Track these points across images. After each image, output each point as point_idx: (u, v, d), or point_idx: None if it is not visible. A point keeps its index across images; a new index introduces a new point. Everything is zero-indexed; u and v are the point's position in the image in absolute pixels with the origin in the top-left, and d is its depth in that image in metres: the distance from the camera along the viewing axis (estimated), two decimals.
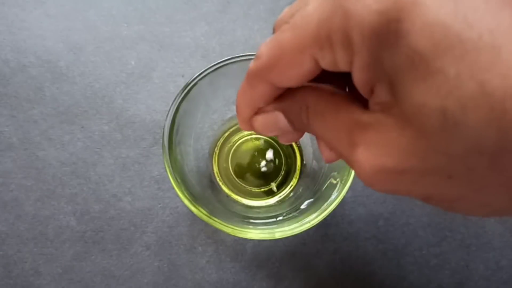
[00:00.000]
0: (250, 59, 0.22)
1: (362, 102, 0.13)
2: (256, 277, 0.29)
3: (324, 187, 0.24)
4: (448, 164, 0.10)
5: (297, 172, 0.30)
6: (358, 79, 0.11)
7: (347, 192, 0.22)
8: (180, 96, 0.22)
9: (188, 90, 0.22)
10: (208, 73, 0.22)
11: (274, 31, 0.15)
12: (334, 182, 0.23)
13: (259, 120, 0.16)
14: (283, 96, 0.15)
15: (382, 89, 0.11)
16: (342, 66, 0.12)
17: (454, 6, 0.09)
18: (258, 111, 0.16)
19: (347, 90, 0.15)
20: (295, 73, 0.13)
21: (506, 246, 0.30)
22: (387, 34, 0.10)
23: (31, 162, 0.31)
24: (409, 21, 0.10)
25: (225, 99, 0.26)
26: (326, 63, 0.12)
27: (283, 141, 0.18)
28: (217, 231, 0.30)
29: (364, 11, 0.10)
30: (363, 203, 0.30)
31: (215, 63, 0.22)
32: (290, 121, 0.15)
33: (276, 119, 0.15)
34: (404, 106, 0.10)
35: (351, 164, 0.12)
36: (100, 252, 0.29)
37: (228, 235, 0.29)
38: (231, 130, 0.31)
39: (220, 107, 0.27)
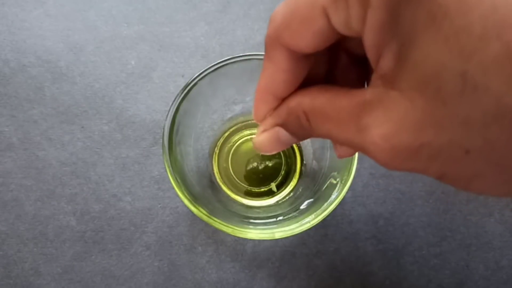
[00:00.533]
0: (250, 59, 0.22)
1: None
2: (256, 277, 0.29)
3: (324, 187, 0.24)
4: (466, 136, 0.09)
5: (297, 172, 0.30)
6: (369, 40, 0.11)
7: (347, 192, 0.22)
8: (180, 96, 0.22)
9: (188, 90, 0.22)
10: (208, 73, 0.22)
11: None
12: (334, 182, 0.23)
13: (261, 140, 0.15)
14: (278, 111, 0.14)
15: (390, 55, 0.10)
16: (355, 25, 0.11)
17: None
18: (257, 133, 0.15)
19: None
20: (310, 30, 0.12)
21: (506, 246, 0.30)
22: None
23: (31, 162, 0.31)
24: None
25: (225, 99, 0.26)
26: (338, 20, 0.11)
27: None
28: (217, 231, 0.30)
29: None
30: (363, 203, 0.30)
31: (215, 63, 0.22)
32: (292, 133, 0.15)
33: (278, 135, 0.15)
34: (416, 71, 0.09)
35: (364, 151, 0.11)
36: (100, 252, 0.29)
37: (228, 235, 0.29)
38: (231, 130, 0.31)
39: (220, 107, 0.27)
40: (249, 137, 0.31)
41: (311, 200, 0.24)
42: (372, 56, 0.11)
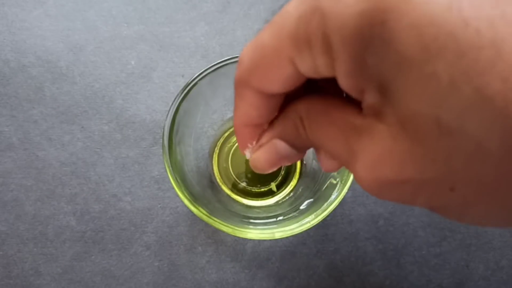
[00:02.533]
0: None
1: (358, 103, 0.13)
2: (256, 277, 0.29)
3: (324, 187, 0.24)
4: (449, 174, 0.09)
5: (297, 172, 0.30)
6: (344, 84, 0.10)
7: (347, 192, 0.22)
8: (180, 96, 0.22)
9: (188, 90, 0.22)
10: (208, 73, 0.22)
11: None
12: (334, 182, 0.23)
13: (259, 156, 0.14)
14: (274, 122, 0.14)
15: (372, 93, 0.10)
16: (324, 72, 0.11)
17: None
18: (253, 149, 0.14)
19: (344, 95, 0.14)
20: (277, 77, 0.12)
21: (506, 246, 0.30)
22: (371, 38, 0.09)
23: (31, 162, 0.31)
24: (395, 22, 0.08)
25: (225, 99, 0.26)
26: (306, 68, 0.11)
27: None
28: (217, 231, 0.30)
29: (344, 13, 0.09)
30: (363, 203, 0.30)
31: (215, 63, 0.22)
32: (290, 143, 0.14)
33: (276, 148, 0.14)
34: (396, 112, 0.09)
35: (352, 172, 0.11)
36: (100, 252, 0.29)
37: (228, 235, 0.29)
38: (231, 130, 0.31)
39: (220, 107, 0.27)
40: None
41: (311, 200, 0.24)
42: (351, 93, 0.11)
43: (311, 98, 0.13)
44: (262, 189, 0.30)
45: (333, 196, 0.22)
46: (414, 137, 0.09)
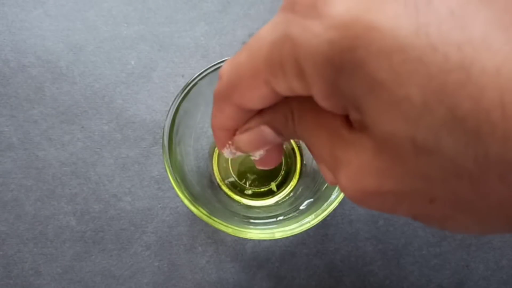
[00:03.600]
0: None
1: None
2: (256, 277, 0.29)
3: (324, 187, 0.24)
4: (428, 188, 0.09)
5: (297, 172, 0.30)
6: (323, 105, 0.11)
7: None
8: (180, 96, 0.22)
9: (188, 90, 0.22)
10: (208, 73, 0.22)
11: None
12: None
13: (244, 139, 0.14)
14: (264, 110, 0.14)
15: (353, 111, 0.10)
16: (300, 92, 0.11)
17: (414, 23, 0.08)
18: (240, 130, 0.14)
19: None
20: (254, 96, 0.12)
21: (506, 246, 0.30)
22: (342, 64, 0.09)
23: (31, 162, 0.31)
24: (364, 48, 0.09)
25: None
26: (282, 89, 0.11)
27: (261, 166, 0.17)
28: (217, 231, 0.30)
29: (313, 41, 0.09)
30: None
31: (215, 63, 0.22)
32: (277, 131, 0.14)
33: (263, 133, 0.14)
34: (373, 132, 0.10)
35: (337, 181, 0.12)
36: (100, 252, 0.29)
37: (228, 235, 0.29)
38: None
39: None
40: None
41: (311, 200, 0.24)
42: (336, 111, 0.11)
43: (304, 97, 0.13)
44: (262, 189, 0.30)
45: (333, 196, 0.22)
46: (393, 154, 0.09)
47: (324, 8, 0.09)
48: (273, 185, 0.30)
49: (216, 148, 0.31)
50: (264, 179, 0.31)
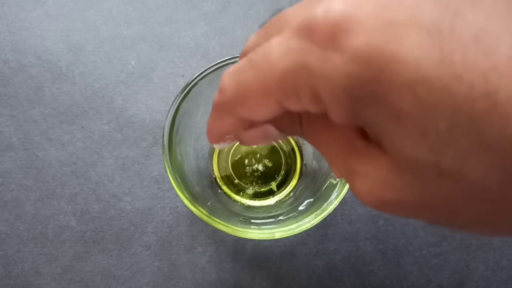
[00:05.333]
0: None
1: None
2: (256, 277, 0.29)
3: (324, 187, 0.24)
4: (449, 205, 0.10)
5: (297, 172, 0.30)
6: (337, 123, 0.11)
7: (347, 192, 0.22)
8: (180, 96, 0.22)
9: (188, 90, 0.22)
10: (208, 73, 0.22)
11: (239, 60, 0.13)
12: (334, 182, 0.23)
13: (249, 135, 0.14)
14: None
15: (369, 131, 0.10)
16: (315, 112, 0.11)
17: (439, 51, 0.08)
18: (243, 127, 0.14)
19: None
20: (263, 112, 0.12)
21: (506, 246, 0.30)
22: (363, 96, 0.09)
23: (31, 162, 0.31)
24: (387, 81, 0.09)
25: None
26: (294, 109, 0.11)
27: (248, 144, 0.17)
28: (217, 231, 0.30)
29: (333, 73, 0.09)
30: None
31: (215, 63, 0.22)
32: (281, 131, 0.14)
33: (266, 131, 0.14)
34: (393, 154, 0.10)
35: (351, 187, 0.12)
36: (100, 252, 0.29)
37: (228, 235, 0.29)
38: None
39: None
40: None
41: (311, 200, 0.24)
42: (350, 126, 0.11)
43: None
44: (262, 189, 0.30)
45: (333, 196, 0.22)
46: (414, 176, 0.10)
47: (344, 40, 0.09)
48: (273, 185, 0.30)
49: (216, 148, 0.31)
50: (264, 179, 0.31)
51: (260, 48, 0.11)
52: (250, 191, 0.30)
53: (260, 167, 0.30)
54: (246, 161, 0.31)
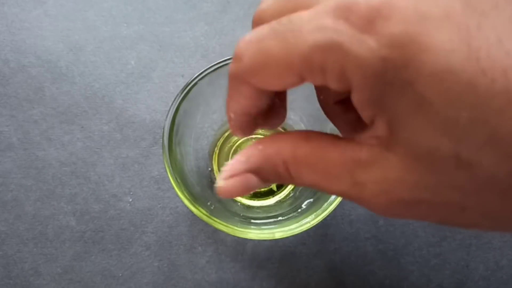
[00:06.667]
0: None
1: (346, 132, 0.13)
2: (256, 277, 0.29)
3: None
4: (461, 199, 0.10)
5: None
6: (358, 108, 0.11)
7: None
8: (180, 96, 0.22)
9: (188, 90, 0.22)
10: (208, 73, 0.22)
11: (253, 24, 0.13)
12: None
13: (227, 186, 0.13)
14: (250, 156, 0.13)
15: (381, 126, 0.10)
16: (334, 89, 0.11)
17: (467, 47, 0.09)
18: (224, 176, 0.13)
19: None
20: (281, 82, 0.12)
21: (506, 246, 0.30)
22: (393, 79, 0.09)
23: (31, 162, 0.31)
24: (417, 68, 0.09)
25: (225, 99, 0.26)
26: (316, 83, 0.11)
27: (266, 128, 0.17)
28: (217, 231, 0.30)
29: (368, 55, 0.10)
30: None
31: (215, 63, 0.22)
32: (264, 180, 0.13)
33: (247, 182, 0.13)
34: (409, 146, 0.10)
35: (360, 202, 0.12)
36: (100, 252, 0.29)
37: (228, 235, 0.29)
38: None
39: (220, 107, 0.27)
40: (249, 137, 0.31)
41: (311, 200, 0.24)
42: (364, 118, 0.11)
43: (295, 138, 0.13)
44: (262, 189, 0.30)
45: (333, 196, 0.22)
46: (430, 168, 0.10)
47: (382, 26, 0.09)
48: (273, 185, 0.30)
49: (216, 148, 0.31)
50: None
51: (286, 19, 0.11)
52: None
53: None
54: None
